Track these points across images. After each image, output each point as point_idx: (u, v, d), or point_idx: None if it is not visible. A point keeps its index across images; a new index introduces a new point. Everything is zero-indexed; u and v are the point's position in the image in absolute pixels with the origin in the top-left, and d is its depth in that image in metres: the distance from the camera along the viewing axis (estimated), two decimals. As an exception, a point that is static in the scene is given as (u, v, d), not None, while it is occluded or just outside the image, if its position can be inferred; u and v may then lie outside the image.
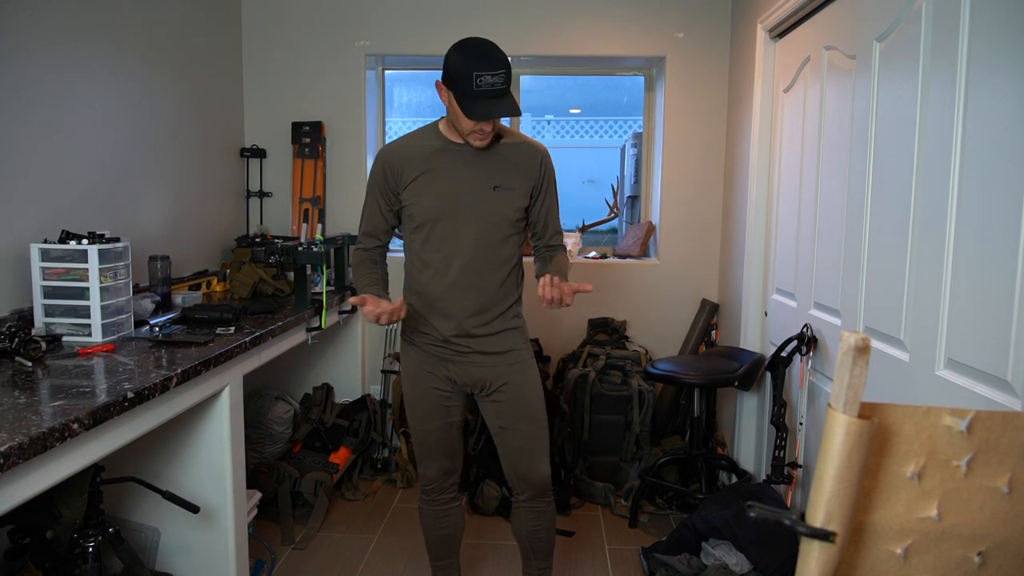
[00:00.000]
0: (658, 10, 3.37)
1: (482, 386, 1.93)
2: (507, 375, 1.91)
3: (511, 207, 1.86)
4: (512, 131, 1.96)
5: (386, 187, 1.89)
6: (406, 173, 1.86)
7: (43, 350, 1.77)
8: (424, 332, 1.93)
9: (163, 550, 2.13)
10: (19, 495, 1.26)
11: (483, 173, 1.84)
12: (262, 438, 3.05)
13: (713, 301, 3.47)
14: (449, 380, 1.93)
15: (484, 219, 1.84)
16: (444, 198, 1.83)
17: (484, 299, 1.87)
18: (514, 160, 1.88)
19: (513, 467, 1.98)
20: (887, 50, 1.83)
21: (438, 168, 1.85)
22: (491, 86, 1.67)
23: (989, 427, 0.72)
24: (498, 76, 1.67)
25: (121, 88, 2.52)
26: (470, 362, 1.91)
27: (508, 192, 1.85)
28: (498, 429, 1.96)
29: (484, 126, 1.76)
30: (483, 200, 1.84)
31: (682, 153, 3.45)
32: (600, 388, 3.11)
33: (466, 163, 1.84)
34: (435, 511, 2.06)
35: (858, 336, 0.65)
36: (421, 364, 1.94)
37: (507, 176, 1.86)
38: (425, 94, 6.52)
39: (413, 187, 1.85)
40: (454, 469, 2.03)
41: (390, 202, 1.90)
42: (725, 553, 2.23)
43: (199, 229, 3.08)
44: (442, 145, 1.86)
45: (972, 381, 1.45)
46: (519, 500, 2.03)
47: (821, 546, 0.69)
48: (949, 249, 1.52)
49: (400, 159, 1.87)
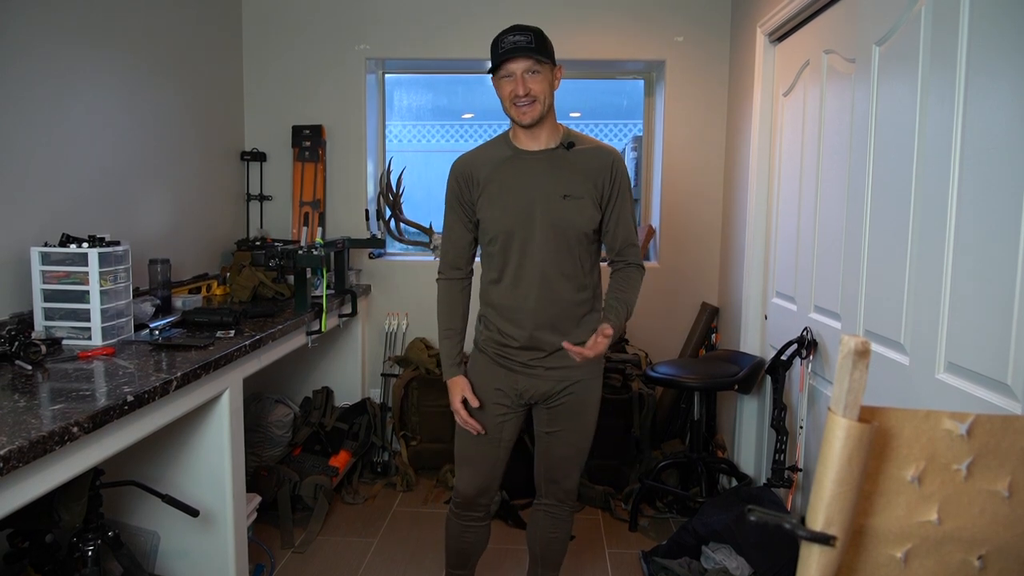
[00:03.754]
0: (658, 14, 3.38)
1: (547, 397, 1.88)
2: (573, 388, 1.86)
3: (583, 216, 1.79)
4: (585, 137, 1.88)
5: (461, 198, 1.85)
6: (479, 181, 1.82)
7: (43, 353, 1.77)
8: (497, 342, 1.87)
9: (163, 554, 2.12)
10: (19, 499, 1.26)
11: (552, 181, 1.79)
12: (262, 441, 3.05)
13: (713, 304, 3.48)
14: (515, 392, 1.87)
15: (555, 229, 1.78)
16: (513, 209, 1.79)
17: (557, 311, 1.82)
18: (583, 167, 1.81)
19: (548, 471, 1.96)
20: (886, 54, 1.83)
21: (507, 177, 1.81)
22: (514, 44, 1.67)
23: (989, 431, 0.72)
24: (522, 35, 1.67)
25: (122, 91, 2.53)
26: (541, 375, 1.85)
27: (579, 201, 1.78)
28: (545, 434, 1.93)
29: (518, 88, 1.71)
30: (553, 210, 1.77)
31: (682, 157, 3.45)
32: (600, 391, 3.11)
33: (535, 171, 1.80)
34: (461, 525, 2.00)
35: (858, 340, 0.65)
36: (488, 373, 1.89)
37: (577, 184, 1.79)
38: (425, 98, 6.53)
39: (485, 197, 1.82)
40: (489, 488, 1.96)
41: (468, 214, 1.86)
42: (725, 557, 2.23)
43: (199, 232, 3.09)
44: (512, 154, 1.82)
45: (972, 385, 1.45)
46: (541, 503, 2.02)
47: (821, 550, 0.69)
48: (949, 252, 1.52)
49: (471, 168, 1.84)
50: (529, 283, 1.80)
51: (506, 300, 1.84)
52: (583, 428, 1.91)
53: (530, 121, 1.75)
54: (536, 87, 1.72)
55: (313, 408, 3.29)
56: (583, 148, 1.84)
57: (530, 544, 2.08)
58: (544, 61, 1.71)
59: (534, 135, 1.81)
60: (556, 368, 1.85)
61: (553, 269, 1.80)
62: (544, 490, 2.00)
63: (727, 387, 2.74)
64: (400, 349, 3.53)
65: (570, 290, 1.82)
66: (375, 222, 3.54)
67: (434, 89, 6.32)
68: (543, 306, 1.81)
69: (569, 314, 1.83)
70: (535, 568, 2.09)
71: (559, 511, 2.00)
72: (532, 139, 1.82)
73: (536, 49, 1.69)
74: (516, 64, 1.70)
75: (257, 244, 3.24)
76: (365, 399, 3.39)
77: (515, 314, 1.83)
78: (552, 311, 1.82)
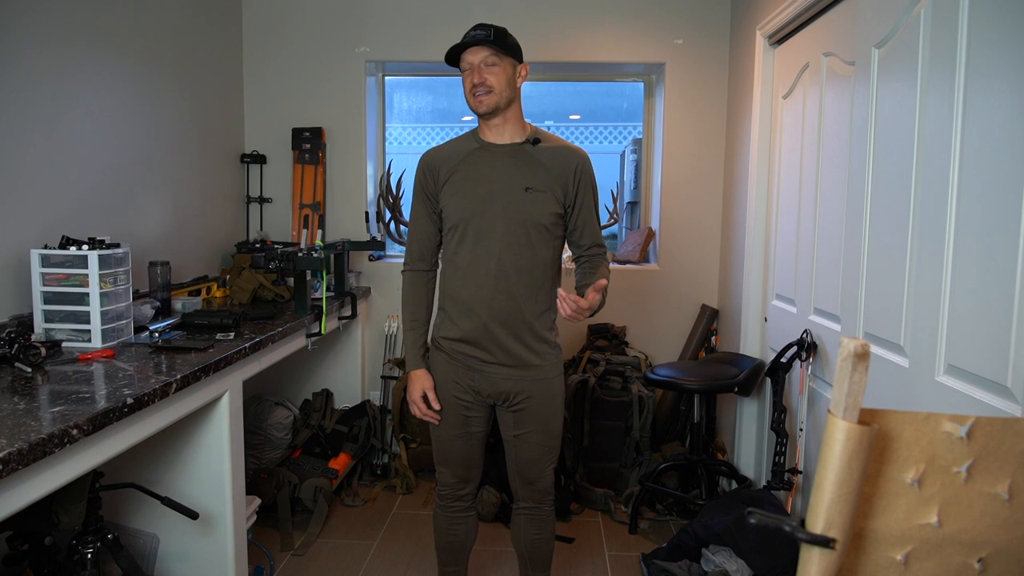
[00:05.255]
0: (657, 17, 3.39)
1: (505, 398, 1.90)
2: (531, 389, 1.88)
3: (543, 211, 1.83)
4: (552, 136, 1.93)
5: (427, 189, 1.90)
6: (442, 173, 1.87)
7: (43, 356, 1.77)
8: (452, 338, 1.90)
9: (162, 556, 2.12)
10: (18, 501, 1.26)
11: (515, 174, 1.83)
12: (261, 444, 3.05)
13: (713, 307, 3.48)
14: (473, 390, 1.90)
15: (514, 220, 1.82)
16: (475, 198, 1.83)
17: (512, 304, 1.84)
18: (549, 163, 1.85)
19: (519, 473, 1.98)
20: (886, 56, 1.83)
21: (471, 168, 1.85)
22: (473, 37, 1.75)
23: (989, 433, 0.72)
24: (482, 30, 1.75)
25: (122, 94, 2.53)
26: (495, 373, 1.87)
27: (540, 195, 1.82)
28: (512, 437, 1.95)
29: (474, 77, 1.78)
30: (514, 201, 1.82)
31: (682, 159, 3.46)
32: (600, 394, 3.11)
33: (500, 164, 1.84)
34: (447, 517, 2.04)
35: (858, 342, 0.65)
36: (447, 371, 1.92)
37: (540, 178, 1.83)
38: (425, 100, 6.53)
39: (448, 187, 1.86)
40: (470, 478, 2.01)
41: (433, 205, 1.90)
42: (725, 559, 2.23)
43: (199, 235, 3.09)
44: (478, 146, 1.87)
45: (972, 387, 1.45)
46: (519, 507, 2.03)
47: (821, 553, 0.69)
48: (949, 254, 1.52)
49: (437, 160, 1.89)
50: (485, 273, 1.83)
51: (462, 290, 1.87)
52: (549, 428, 1.94)
53: (485, 110, 1.80)
54: (492, 78, 1.79)
55: (313, 410, 3.29)
56: (549, 146, 1.88)
57: (516, 548, 2.09)
58: (502, 54, 1.78)
59: (499, 129, 1.86)
60: (511, 366, 1.87)
61: (510, 261, 1.83)
62: (520, 493, 2.01)
63: (727, 389, 2.74)
64: (400, 351, 3.53)
65: (525, 285, 1.84)
66: (375, 224, 3.54)
67: (434, 91, 6.33)
68: (497, 297, 1.83)
69: (522, 311, 1.84)
70: (525, 571, 2.10)
71: (539, 512, 2.01)
72: (497, 134, 1.86)
73: (494, 41, 1.76)
74: (473, 55, 1.79)
75: (257, 246, 3.24)
76: (365, 401, 3.38)
77: (470, 303, 1.86)
78: (506, 304, 1.84)
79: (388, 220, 3.42)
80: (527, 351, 1.87)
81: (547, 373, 1.90)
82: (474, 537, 2.10)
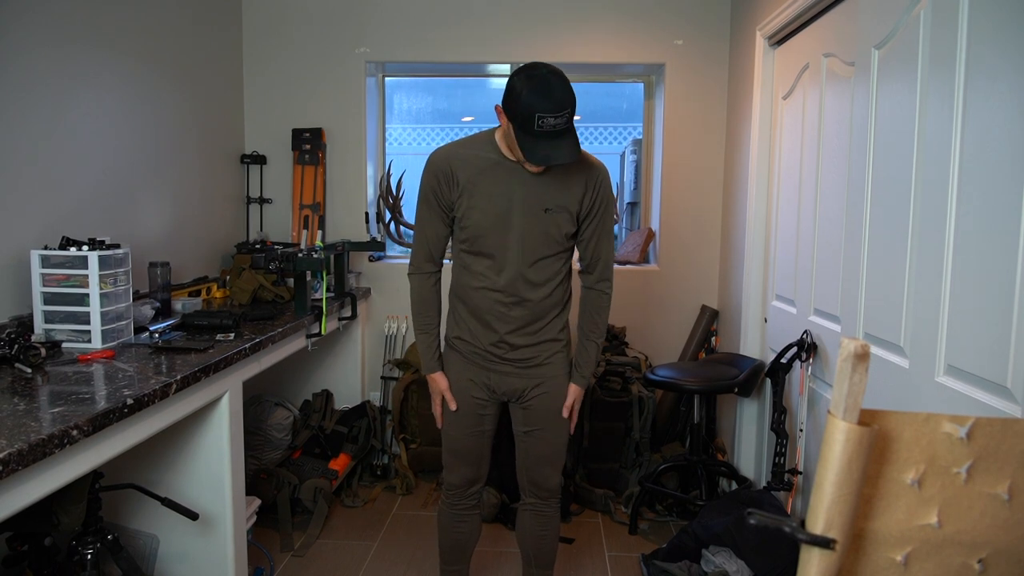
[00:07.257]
0: (657, 17, 3.39)
1: (519, 394, 1.93)
2: (543, 385, 1.92)
3: (559, 231, 1.82)
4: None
5: (440, 194, 1.83)
6: (460, 181, 1.80)
7: (43, 356, 1.77)
8: (467, 340, 1.92)
9: (162, 557, 2.12)
10: (18, 502, 1.26)
11: (536, 193, 1.79)
12: (261, 444, 3.05)
13: (713, 307, 3.47)
14: (488, 388, 1.93)
15: (533, 239, 1.81)
16: (494, 216, 1.80)
17: (527, 314, 1.86)
18: (568, 180, 1.81)
19: (528, 471, 2.01)
20: (885, 57, 1.83)
21: (490, 184, 1.79)
22: (553, 127, 1.61)
23: (989, 434, 0.72)
24: (561, 118, 1.61)
25: (122, 94, 2.53)
26: (508, 372, 1.91)
27: (559, 215, 1.81)
28: (523, 434, 1.98)
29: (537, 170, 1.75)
30: (534, 222, 1.80)
31: (682, 160, 3.46)
32: (600, 394, 3.11)
33: (520, 182, 1.79)
34: (453, 514, 2.06)
35: (858, 343, 0.65)
36: (462, 369, 1.94)
37: (560, 198, 1.80)
38: (425, 101, 6.54)
39: (465, 199, 1.81)
40: (478, 478, 2.04)
41: (445, 209, 1.85)
42: (725, 560, 2.23)
43: (199, 235, 3.09)
44: (497, 159, 1.80)
45: (972, 387, 1.45)
46: (526, 504, 2.06)
47: (821, 553, 0.69)
48: (948, 255, 1.52)
49: (452, 166, 1.81)
50: (502, 286, 1.84)
51: (480, 303, 1.87)
52: (559, 426, 1.96)
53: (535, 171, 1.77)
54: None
55: (313, 411, 3.29)
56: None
57: (521, 545, 2.12)
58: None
59: None
60: (525, 365, 1.90)
61: (527, 277, 1.84)
62: (528, 491, 2.04)
63: (727, 390, 2.74)
64: (400, 352, 3.53)
65: (541, 295, 1.87)
66: (375, 225, 3.54)
67: (434, 92, 6.33)
68: (515, 311, 1.86)
69: (539, 316, 1.89)
70: (529, 569, 2.12)
71: (545, 508, 2.04)
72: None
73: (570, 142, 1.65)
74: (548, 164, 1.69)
75: (257, 247, 3.24)
76: (365, 402, 3.38)
77: (487, 316, 1.87)
78: (524, 316, 1.86)
79: (388, 221, 3.42)
80: (540, 351, 1.91)
81: (555, 371, 1.93)
82: (478, 536, 2.12)
